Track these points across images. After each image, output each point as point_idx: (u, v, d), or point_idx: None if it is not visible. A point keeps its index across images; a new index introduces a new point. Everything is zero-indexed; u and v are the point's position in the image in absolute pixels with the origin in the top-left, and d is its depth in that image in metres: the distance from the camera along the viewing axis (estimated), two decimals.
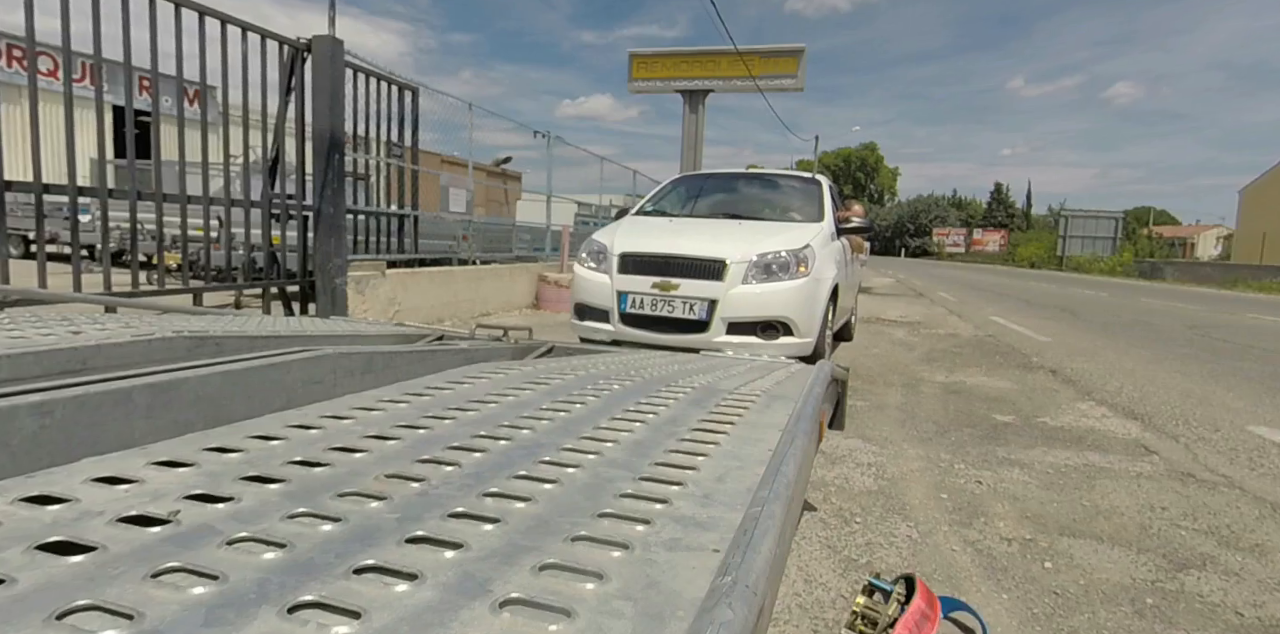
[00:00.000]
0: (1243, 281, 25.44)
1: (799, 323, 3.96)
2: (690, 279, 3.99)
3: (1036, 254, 48.19)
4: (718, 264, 3.98)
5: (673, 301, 3.98)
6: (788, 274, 4.00)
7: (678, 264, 4.03)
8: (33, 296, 3.09)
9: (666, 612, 0.45)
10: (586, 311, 4.31)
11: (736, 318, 3.93)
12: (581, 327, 4.33)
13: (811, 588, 1.84)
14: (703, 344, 3.83)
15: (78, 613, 0.43)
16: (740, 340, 3.92)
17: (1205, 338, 8.17)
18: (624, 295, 4.08)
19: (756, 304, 3.93)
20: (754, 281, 3.97)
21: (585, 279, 4.32)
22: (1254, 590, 1.92)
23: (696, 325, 3.96)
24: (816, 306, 4.11)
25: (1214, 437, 3.59)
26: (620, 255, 4.18)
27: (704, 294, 3.95)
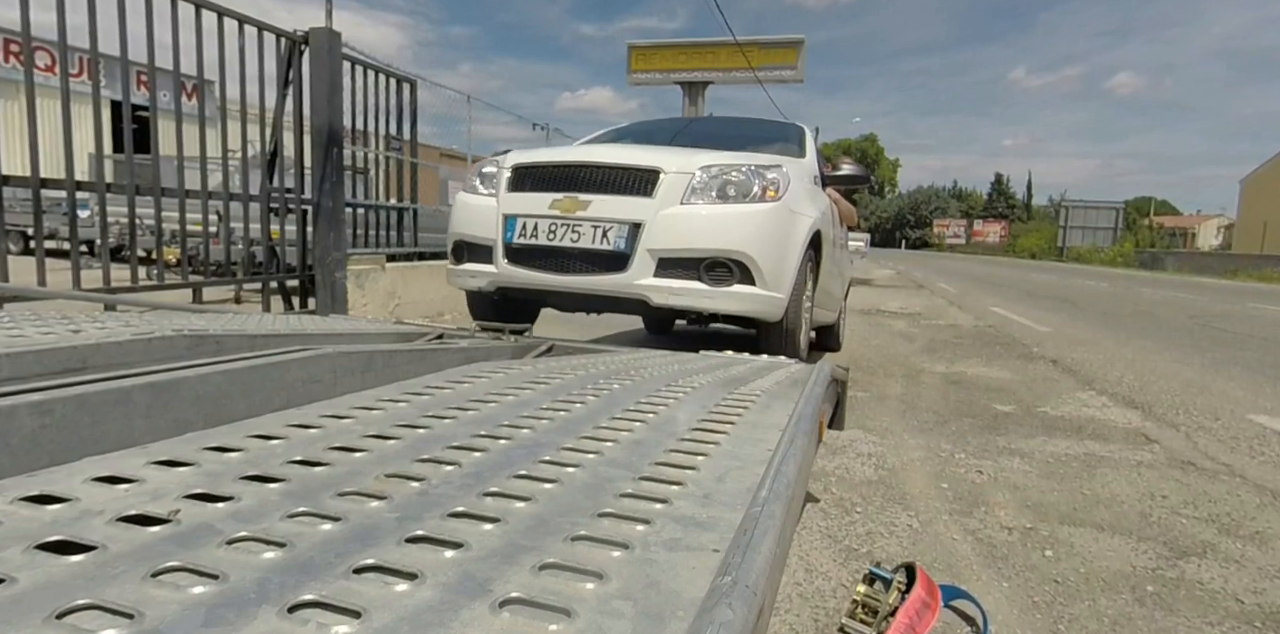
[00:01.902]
0: (1243, 271, 25.41)
1: (762, 265, 2.76)
2: (606, 195, 2.79)
3: (1037, 245, 48.12)
4: (648, 175, 2.80)
5: (579, 226, 2.76)
6: (748, 198, 2.83)
7: (590, 175, 2.85)
8: (31, 294, 3.08)
9: (666, 612, 0.45)
10: (465, 251, 3.14)
11: (670, 251, 2.74)
12: (457, 273, 3.18)
13: (812, 577, 1.85)
14: (620, 289, 2.72)
15: (78, 612, 0.43)
16: (674, 285, 2.71)
17: (1205, 327, 8.17)
18: (512, 221, 2.88)
19: (700, 232, 2.72)
20: (698, 202, 2.78)
21: (465, 206, 3.15)
22: (1254, 578, 1.93)
23: (611, 261, 2.75)
24: (788, 248, 2.94)
25: (1214, 425, 3.59)
26: (513, 168, 3.01)
27: (624, 215, 2.73)
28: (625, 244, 2.74)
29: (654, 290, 2.73)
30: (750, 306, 2.80)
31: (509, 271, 2.96)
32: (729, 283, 2.76)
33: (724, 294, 2.74)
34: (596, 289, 2.79)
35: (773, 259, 2.83)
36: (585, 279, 2.80)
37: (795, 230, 3.02)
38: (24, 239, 10.99)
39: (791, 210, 2.98)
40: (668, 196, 2.78)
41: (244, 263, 5.47)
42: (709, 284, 2.75)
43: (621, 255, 2.75)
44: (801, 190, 3.19)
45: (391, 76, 5.93)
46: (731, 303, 2.77)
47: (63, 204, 6.75)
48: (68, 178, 3.32)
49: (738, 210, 2.80)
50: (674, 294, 2.71)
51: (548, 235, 2.83)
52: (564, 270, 2.84)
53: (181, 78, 3.83)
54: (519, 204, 2.94)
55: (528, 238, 2.87)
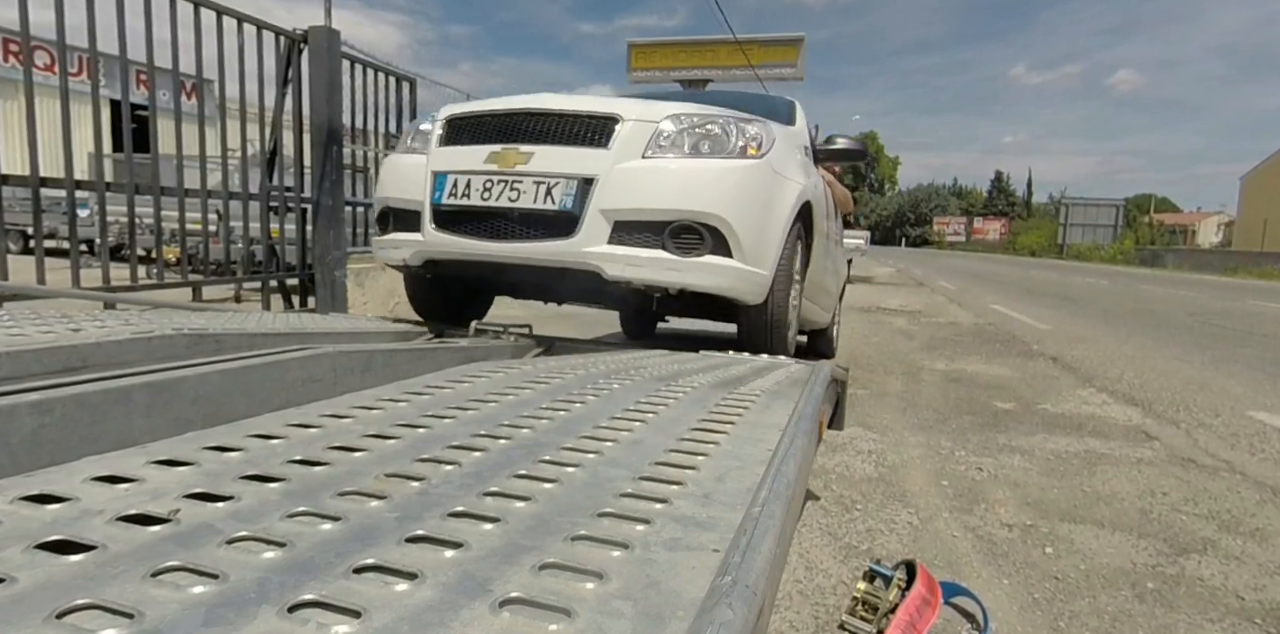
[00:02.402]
0: (1243, 269, 25.41)
1: (739, 232, 2.26)
2: (552, 145, 2.30)
3: (1037, 242, 48.12)
4: (603, 123, 2.32)
5: (519, 183, 2.26)
6: (724, 152, 2.34)
7: (535, 124, 2.36)
8: (30, 292, 3.08)
9: (666, 611, 0.45)
10: (390, 219, 2.64)
11: (628, 212, 2.22)
12: (381, 246, 2.67)
13: (812, 574, 1.85)
14: (566, 258, 2.23)
15: (78, 612, 0.43)
16: (633, 254, 2.21)
17: (1206, 325, 8.17)
18: (441, 179, 2.38)
19: (665, 190, 2.23)
20: (664, 155, 2.28)
21: (392, 167, 2.67)
22: (1255, 574, 1.93)
23: (556, 224, 2.25)
24: (772, 216, 2.44)
25: (1214, 422, 3.59)
26: (447, 119, 2.53)
27: (572, 169, 2.24)
28: (573, 203, 2.21)
29: (608, 260, 2.19)
30: (725, 282, 2.28)
31: (436, 240, 2.41)
32: (699, 252, 2.23)
33: (693, 266, 2.22)
34: (538, 258, 2.26)
35: (753, 226, 2.33)
36: (524, 246, 2.26)
37: (781, 196, 2.50)
38: (24, 238, 11.00)
39: (776, 171, 2.47)
40: (627, 148, 2.27)
41: (244, 262, 5.47)
42: (675, 253, 2.21)
43: (568, 217, 2.21)
44: (789, 154, 2.71)
45: (391, 75, 5.92)
46: (703, 277, 2.24)
47: (62, 203, 6.75)
48: (67, 177, 3.31)
49: (712, 166, 2.29)
50: (632, 265, 2.19)
51: (481, 194, 2.30)
52: (499, 236, 2.30)
53: (181, 77, 3.83)
54: (450, 159, 2.42)
55: (458, 198, 2.33)
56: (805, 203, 2.71)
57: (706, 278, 2.27)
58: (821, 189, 3.30)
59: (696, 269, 2.25)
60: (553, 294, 3.19)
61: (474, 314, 3.19)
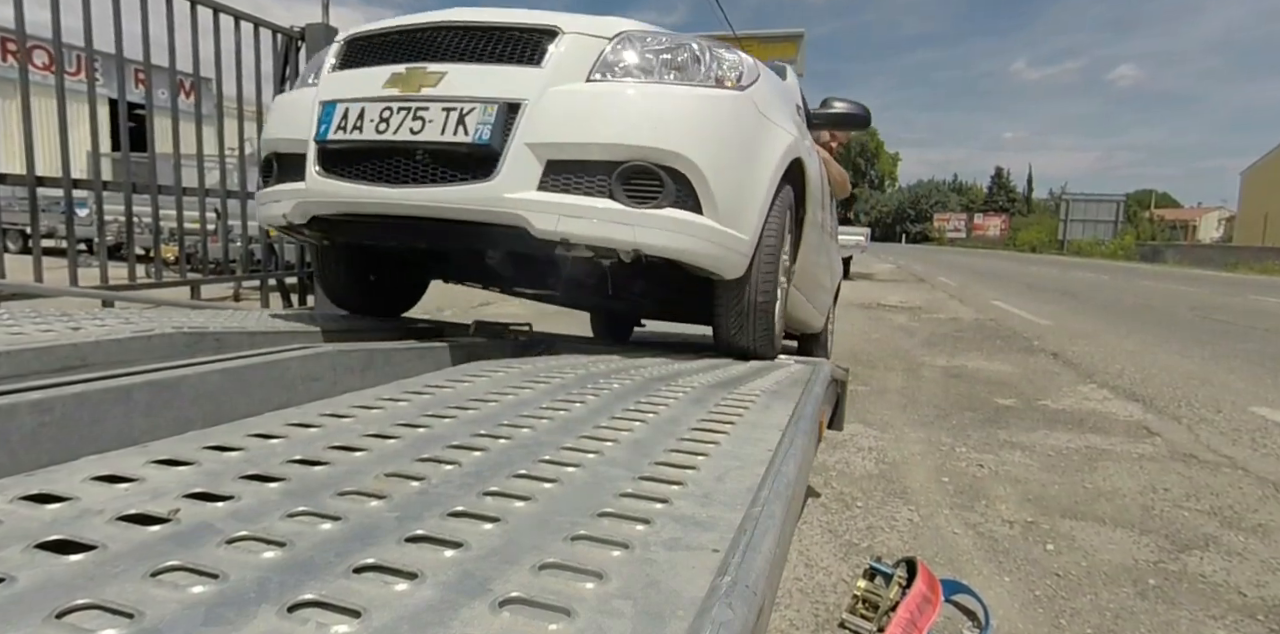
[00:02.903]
0: (1244, 264, 25.38)
1: (712, 180, 1.80)
2: (469, 64, 1.83)
3: (1037, 238, 48.09)
4: (536, 36, 1.85)
5: (424, 110, 1.80)
6: (693, 79, 1.87)
7: (450, 39, 1.90)
8: (29, 291, 3.08)
9: (666, 611, 0.45)
10: (274, 167, 2.12)
11: (565, 147, 1.75)
12: (261, 201, 2.16)
13: (813, 572, 1.85)
14: (482, 207, 1.76)
15: (78, 612, 0.43)
16: (570, 203, 1.74)
17: (1207, 320, 8.16)
18: (329, 109, 1.90)
19: (615, 118, 1.77)
20: (612, 78, 1.82)
21: (281, 106, 2.21)
22: (1257, 571, 1.93)
23: (470, 162, 1.78)
24: (755, 165, 1.97)
25: (1216, 418, 3.59)
26: (346, 40, 2.07)
27: (492, 91, 1.78)
28: (492, 134, 1.71)
29: (536, 210, 1.71)
30: (693, 244, 1.79)
31: (321, 187, 1.90)
32: (658, 203, 1.73)
33: (650, 220, 1.73)
34: (446, 208, 1.77)
35: (730, 176, 1.84)
36: (428, 193, 1.76)
37: (766, 143, 2.02)
38: (23, 237, 11.00)
39: (761, 111, 1.99)
40: (566, 67, 1.80)
41: (243, 260, 5.47)
42: (627, 203, 1.72)
43: (485, 153, 1.72)
44: (778, 98, 2.25)
45: None
46: (662, 236, 1.75)
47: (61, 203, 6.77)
48: (64, 176, 3.31)
49: (678, 92, 1.82)
50: (569, 216, 1.71)
51: (377, 126, 1.81)
52: (398, 179, 1.80)
53: (178, 75, 3.83)
54: (343, 85, 1.95)
55: (348, 131, 1.84)
56: (797, 161, 2.22)
57: (667, 237, 1.76)
58: (817, 156, 2.85)
59: (654, 224, 1.74)
60: (490, 274, 2.63)
61: (402, 303, 2.76)
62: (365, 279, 2.57)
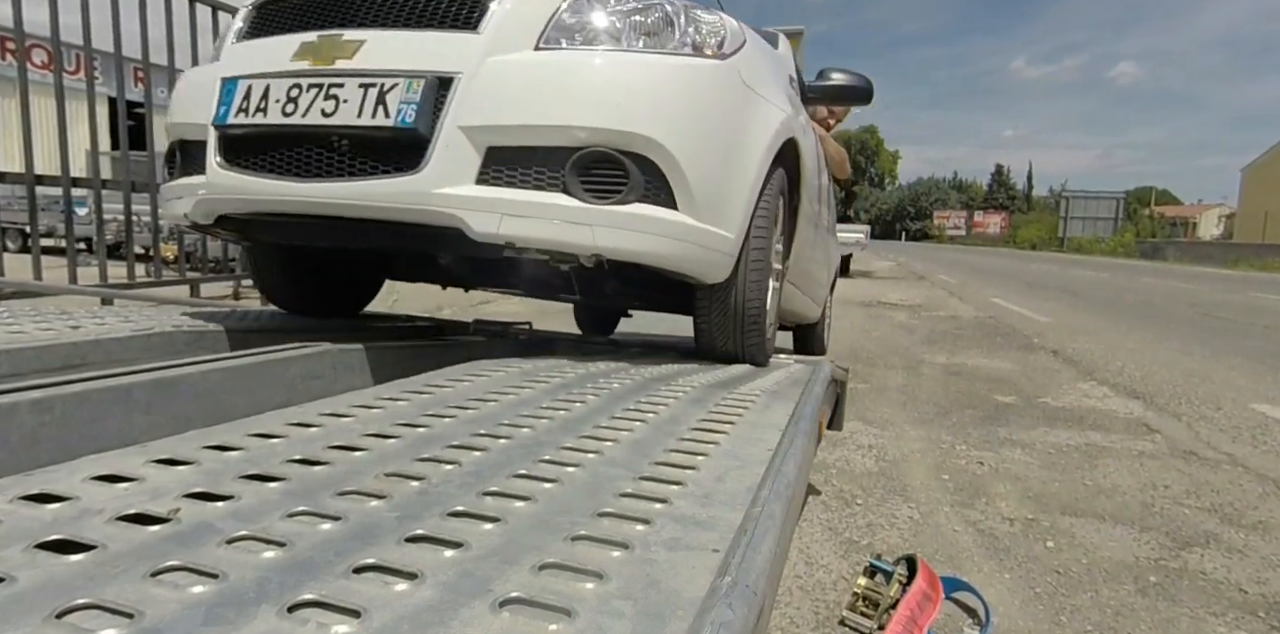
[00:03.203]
0: (1245, 261, 25.37)
1: (688, 168, 1.52)
2: (392, 30, 1.55)
3: (1037, 236, 48.07)
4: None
5: (338, 87, 1.50)
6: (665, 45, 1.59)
7: (371, 2, 1.60)
8: (28, 289, 3.08)
9: (666, 611, 0.45)
10: (178, 156, 1.81)
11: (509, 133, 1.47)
12: (164, 197, 1.86)
13: (813, 570, 1.85)
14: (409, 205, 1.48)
15: (78, 612, 0.43)
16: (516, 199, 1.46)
17: (1207, 317, 8.16)
18: (230, 87, 1.61)
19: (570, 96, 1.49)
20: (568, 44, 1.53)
21: (186, 83, 1.86)
22: (1257, 567, 1.94)
23: (393, 150, 1.49)
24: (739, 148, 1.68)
25: (1216, 415, 3.59)
26: (255, 6, 1.78)
27: (418, 62, 1.49)
28: (418, 116, 1.41)
29: (475, 208, 1.43)
30: (666, 246, 1.51)
31: (222, 180, 1.60)
32: (623, 197, 1.45)
33: (613, 218, 1.45)
34: (364, 206, 1.47)
35: (710, 162, 1.57)
36: (344, 188, 1.47)
37: (753, 121, 1.72)
38: (23, 236, 11.00)
39: (747, 84, 1.69)
40: (510, 32, 1.49)
41: (242, 259, 5.47)
42: (584, 198, 1.44)
43: (411, 138, 1.43)
44: (768, 69, 1.92)
45: None
46: (628, 238, 1.47)
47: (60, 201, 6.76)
48: (63, 174, 3.31)
49: (646, 62, 1.53)
50: (514, 215, 1.43)
51: (284, 107, 1.50)
52: (309, 172, 1.51)
53: (177, 73, 3.82)
54: (247, 58, 1.64)
55: (251, 114, 1.53)
56: (790, 142, 1.92)
57: (635, 238, 1.47)
58: (813, 136, 2.53)
59: (618, 224, 1.45)
60: (446, 273, 2.36)
61: (351, 303, 2.51)
62: (304, 278, 2.27)
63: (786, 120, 1.89)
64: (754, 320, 1.78)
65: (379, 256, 2.36)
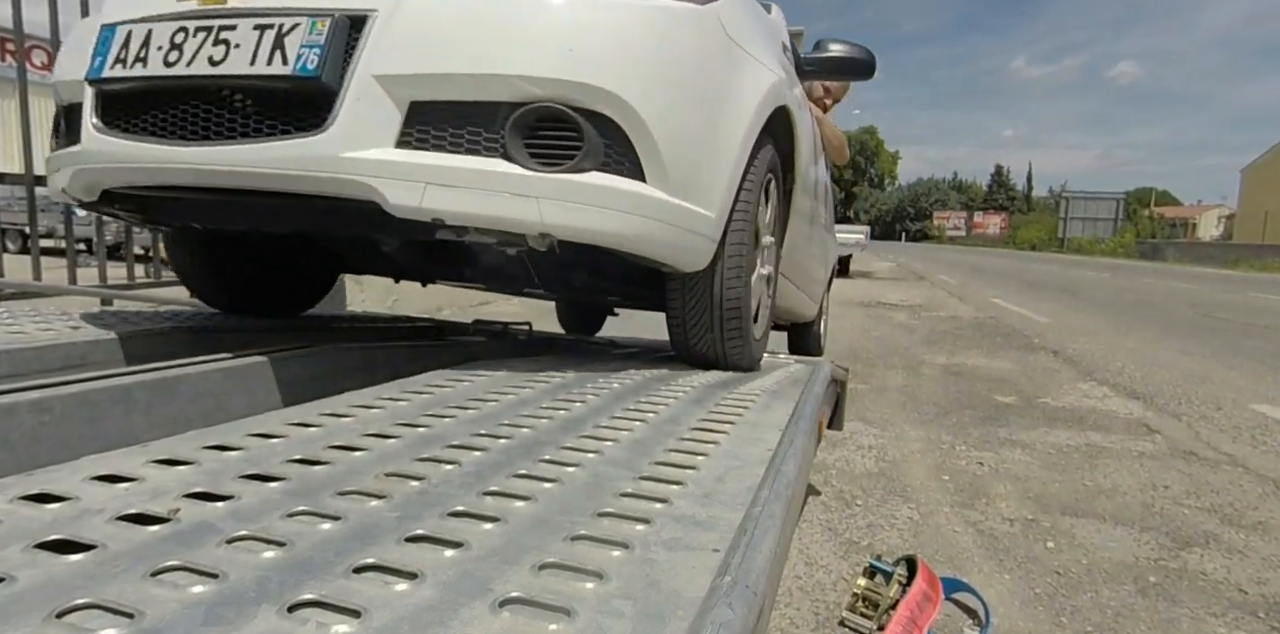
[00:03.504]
0: (1245, 261, 25.38)
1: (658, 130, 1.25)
2: None
3: (1037, 236, 48.08)
4: None
5: (228, 29, 1.20)
6: None
7: None
8: (28, 289, 3.08)
9: (666, 611, 0.45)
10: (59, 127, 1.53)
11: (435, 84, 1.18)
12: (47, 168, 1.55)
13: (812, 570, 1.85)
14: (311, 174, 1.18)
15: (78, 611, 0.43)
16: (444, 166, 1.18)
17: (1207, 317, 8.16)
18: (108, 34, 1.30)
19: (511, 39, 1.19)
20: None
21: (70, 39, 1.57)
22: (1258, 568, 1.94)
23: (293, 106, 1.20)
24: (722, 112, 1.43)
25: (1216, 415, 3.59)
26: None
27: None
28: (323, 63, 1.17)
29: (393, 176, 1.18)
30: (629, 225, 1.27)
31: (99, 146, 1.34)
32: (577, 164, 1.21)
33: (564, 189, 1.21)
34: (259, 174, 1.22)
35: (685, 125, 1.32)
36: (235, 152, 1.22)
37: (739, 80, 1.48)
38: (22, 237, 11.00)
39: (731, 37, 1.46)
40: None
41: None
42: (528, 164, 1.20)
43: (314, 90, 1.18)
44: (755, 25, 1.69)
45: None
46: (583, 213, 1.23)
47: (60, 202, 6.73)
48: None
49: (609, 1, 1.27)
50: (442, 185, 1.18)
51: (166, 56, 1.25)
52: (193, 134, 1.26)
53: None
54: (127, 1, 1.37)
55: (129, 65, 1.28)
56: (782, 110, 1.69)
57: (591, 215, 1.22)
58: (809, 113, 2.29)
59: (570, 196, 1.20)
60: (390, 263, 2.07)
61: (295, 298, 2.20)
62: (234, 269, 1.97)
63: (778, 85, 1.65)
64: (735, 317, 1.54)
65: (322, 246, 2.01)
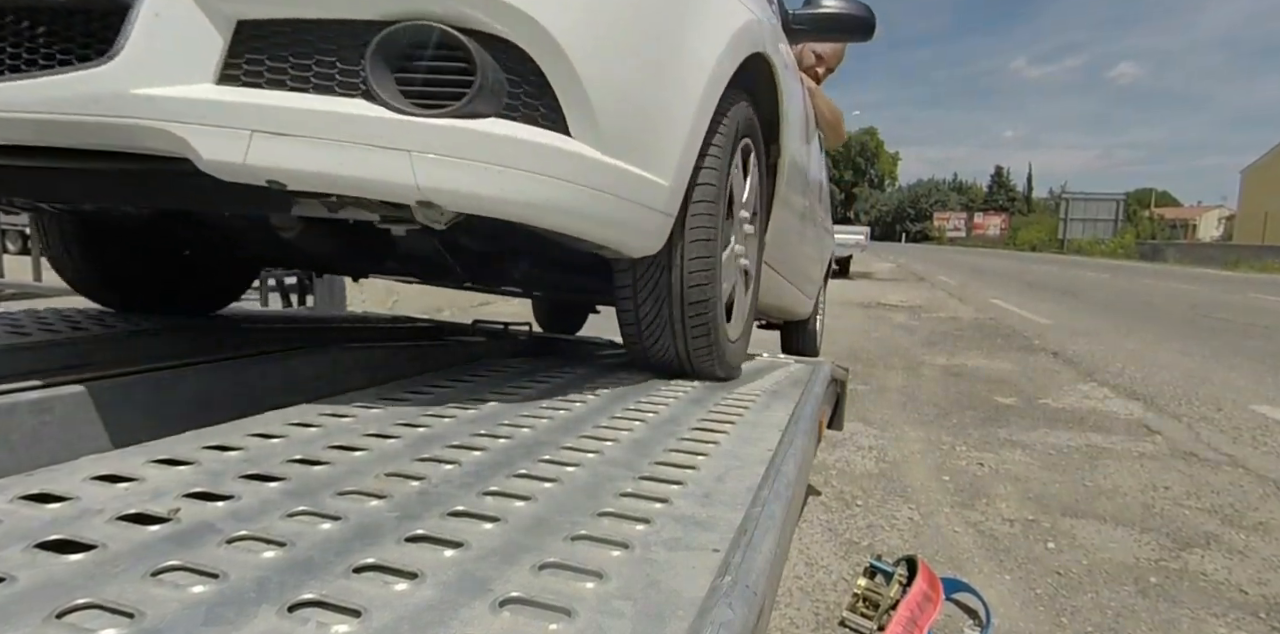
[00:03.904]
0: (1245, 262, 25.37)
1: (583, 64, 0.90)
2: None
3: (1037, 237, 48.09)
4: None
5: None
6: None
7: None
8: (28, 290, 3.09)
9: (666, 611, 0.45)
10: None
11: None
12: None
13: (813, 571, 1.85)
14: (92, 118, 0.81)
15: (78, 611, 0.43)
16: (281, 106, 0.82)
17: (1207, 318, 8.16)
18: None
19: None
20: None
21: None
22: (1258, 568, 1.93)
23: (68, 26, 0.82)
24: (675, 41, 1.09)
25: (1217, 416, 3.59)
26: None
27: None
28: None
29: (207, 121, 0.82)
30: (551, 195, 0.94)
31: None
32: (468, 105, 0.85)
33: (449, 139, 0.86)
34: (29, 120, 0.85)
35: (625, 62, 1.03)
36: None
37: (702, 12, 1.20)
38: (22, 238, 11.02)
39: None
40: None
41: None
42: (397, 105, 0.84)
43: (98, 2, 0.83)
44: None
45: None
46: (479, 176, 0.88)
47: None
48: None
49: None
50: (273, 132, 0.83)
51: None
52: None
53: None
54: None
55: None
56: (758, 59, 1.39)
57: (489, 178, 0.89)
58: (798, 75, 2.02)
59: (455, 151, 0.87)
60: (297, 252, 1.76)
61: (199, 295, 1.92)
62: (114, 259, 1.71)
63: (754, 27, 1.36)
64: (701, 315, 1.26)
65: (222, 234, 1.68)
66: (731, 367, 1.45)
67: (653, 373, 1.42)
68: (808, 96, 2.29)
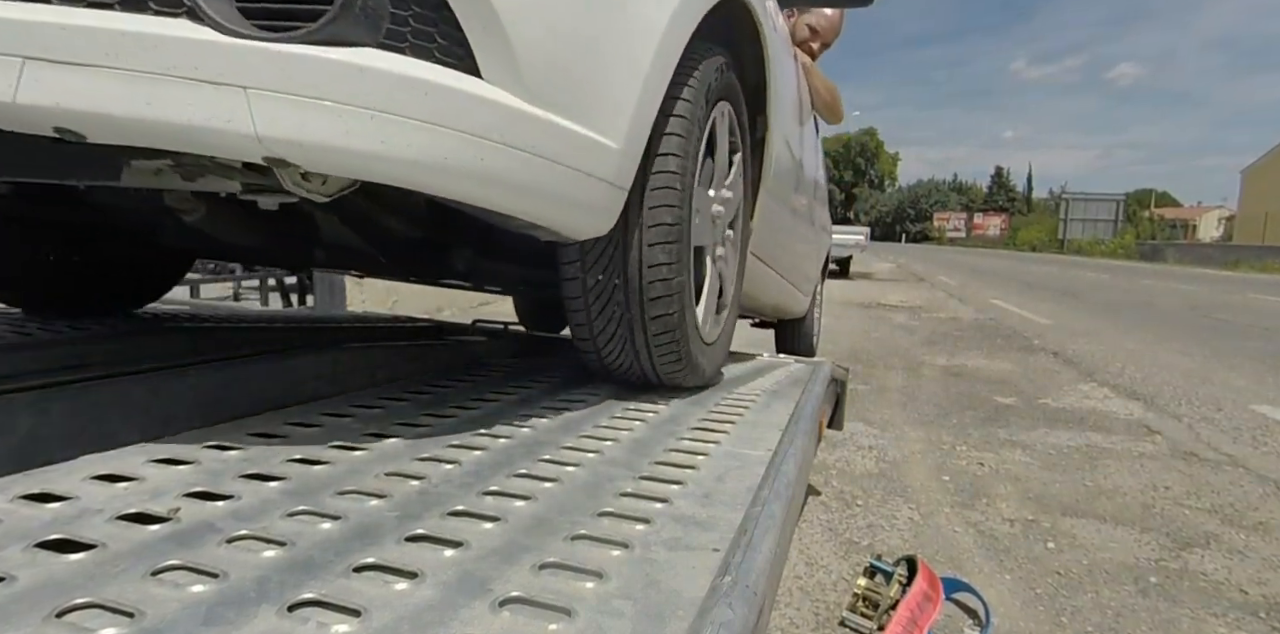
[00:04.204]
0: (1245, 263, 25.35)
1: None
2: None
3: (1037, 238, 48.08)
4: None
5: None
6: None
7: None
8: None
9: (666, 611, 0.45)
10: None
11: None
12: None
13: (813, 571, 1.85)
14: None
15: (78, 611, 0.43)
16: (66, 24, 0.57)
17: (1207, 318, 8.16)
18: None
19: None
20: None
21: None
22: (1258, 568, 1.93)
23: None
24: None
25: (1217, 416, 3.59)
26: None
27: None
28: None
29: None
30: (445, 152, 0.69)
31: None
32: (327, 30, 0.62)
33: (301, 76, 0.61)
34: None
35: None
36: None
37: None
38: None
39: None
40: None
41: None
42: (232, 27, 0.60)
43: None
44: None
45: None
46: (344, 124, 0.63)
47: None
48: None
49: None
50: (59, 61, 0.58)
51: None
52: None
53: None
54: None
55: None
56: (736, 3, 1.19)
57: (360, 127, 0.64)
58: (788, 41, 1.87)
59: (310, 90, 0.62)
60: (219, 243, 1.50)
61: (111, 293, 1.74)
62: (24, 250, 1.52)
63: None
64: (665, 311, 1.06)
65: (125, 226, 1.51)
66: (705, 372, 1.23)
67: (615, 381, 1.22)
68: (801, 73, 2.08)
